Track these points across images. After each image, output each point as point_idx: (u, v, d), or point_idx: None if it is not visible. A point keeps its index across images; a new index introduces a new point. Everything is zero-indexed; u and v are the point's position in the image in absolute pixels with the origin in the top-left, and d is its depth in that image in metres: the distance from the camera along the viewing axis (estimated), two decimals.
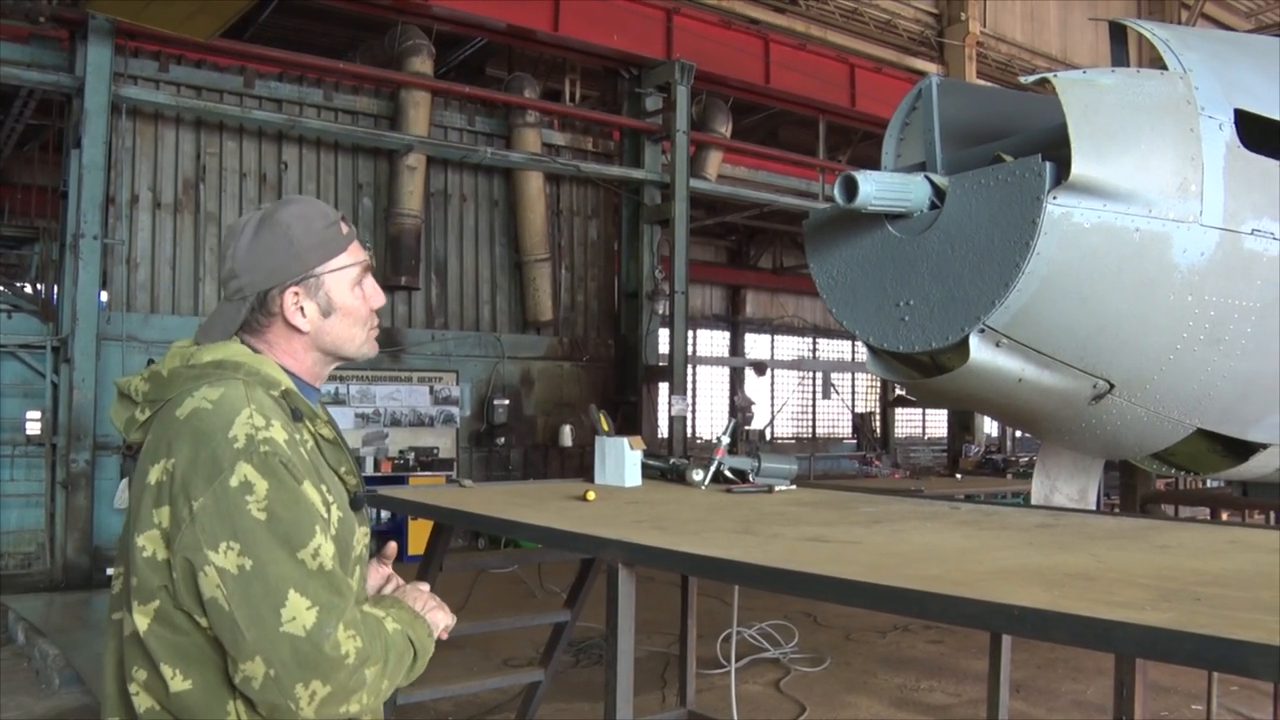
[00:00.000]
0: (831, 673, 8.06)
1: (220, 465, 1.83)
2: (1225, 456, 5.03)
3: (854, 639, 9.16)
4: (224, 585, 1.79)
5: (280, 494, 1.84)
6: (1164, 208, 3.97)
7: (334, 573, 1.86)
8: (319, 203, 2.18)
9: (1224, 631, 2.15)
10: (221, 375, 1.96)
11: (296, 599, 1.79)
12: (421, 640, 2.05)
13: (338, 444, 2.09)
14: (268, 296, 2.06)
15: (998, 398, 4.60)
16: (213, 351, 2.01)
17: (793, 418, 23.97)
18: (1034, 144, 4.27)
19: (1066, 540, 3.61)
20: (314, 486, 1.90)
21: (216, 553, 1.79)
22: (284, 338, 2.10)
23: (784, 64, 15.80)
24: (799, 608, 9.71)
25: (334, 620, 1.81)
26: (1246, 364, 4.39)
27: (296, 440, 1.94)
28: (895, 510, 4.55)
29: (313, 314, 2.09)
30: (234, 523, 1.80)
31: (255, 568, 1.79)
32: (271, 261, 2.06)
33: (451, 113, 13.88)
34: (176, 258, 12.01)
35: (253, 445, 1.85)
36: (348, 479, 2.07)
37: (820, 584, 2.88)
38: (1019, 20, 20.28)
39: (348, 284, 2.13)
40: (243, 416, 1.87)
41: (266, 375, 2.00)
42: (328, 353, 2.15)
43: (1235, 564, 3.10)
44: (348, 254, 2.14)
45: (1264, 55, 4.76)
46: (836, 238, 4.75)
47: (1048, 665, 8.15)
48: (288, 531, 1.82)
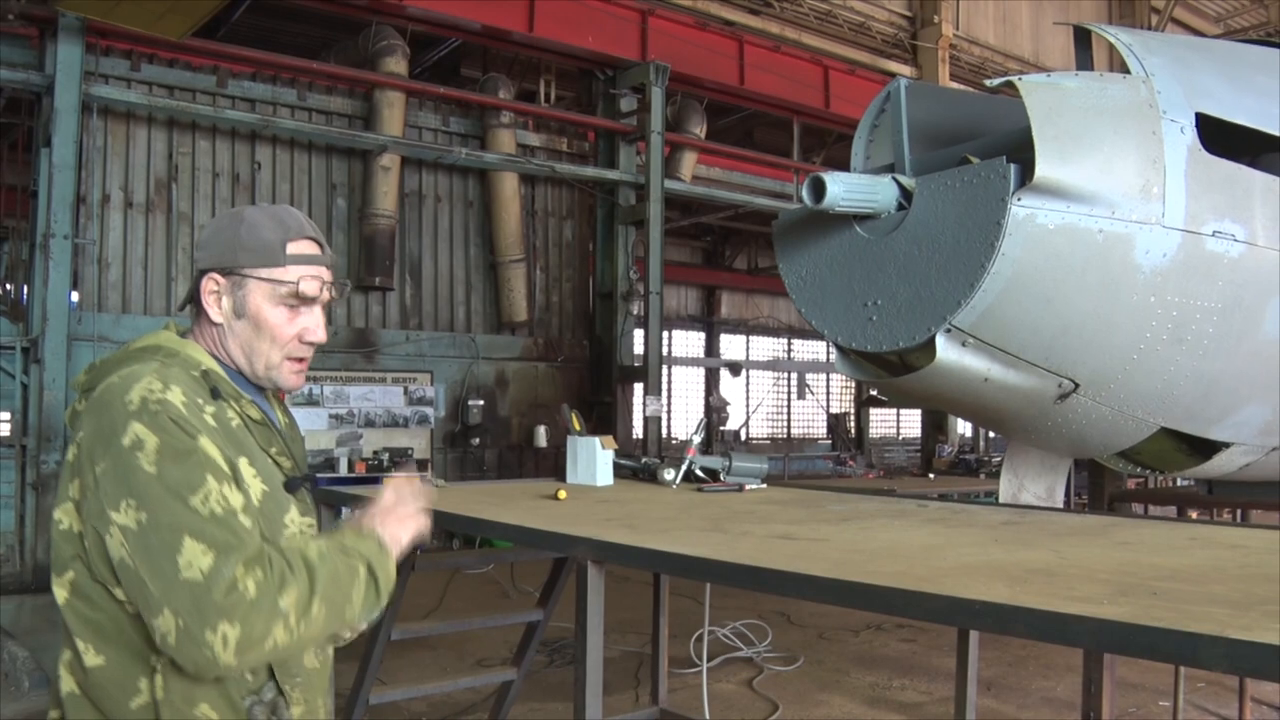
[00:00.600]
0: (804, 671, 8.11)
1: (115, 428, 1.85)
2: (1190, 455, 5.10)
3: (827, 638, 9.21)
4: (127, 542, 1.80)
5: (170, 445, 1.84)
6: (1127, 209, 4.02)
7: (227, 516, 1.84)
8: (296, 217, 2.20)
9: (1177, 624, 2.19)
10: (141, 357, 2.02)
11: (191, 545, 1.78)
12: (372, 554, 2.02)
13: (266, 424, 2.10)
14: (203, 276, 2.12)
15: (964, 397, 4.65)
16: (145, 339, 2.09)
17: (768, 418, 24.03)
18: (1000, 146, 4.32)
19: (1030, 537, 3.65)
20: (213, 444, 1.90)
21: (118, 512, 1.81)
22: (206, 323, 2.14)
23: (758, 65, 15.85)
24: (772, 607, 9.76)
25: (233, 560, 1.79)
26: (1208, 364, 4.46)
27: (204, 408, 1.95)
28: (864, 508, 4.59)
29: (226, 309, 2.12)
30: (129, 481, 1.81)
31: (150, 520, 1.79)
32: (215, 246, 2.12)
33: (426, 113, 13.84)
34: (148, 258, 11.92)
35: (145, 406, 1.86)
36: (281, 460, 2.10)
37: (785, 580, 2.91)
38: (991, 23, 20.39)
39: (269, 297, 2.12)
40: (141, 384, 1.90)
41: (186, 357, 2.05)
42: (235, 356, 2.15)
43: (1193, 560, 3.15)
44: (282, 270, 2.12)
45: (1226, 60, 4.83)
46: (805, 238, 4.79)
47: (1018, 663, 8.22)
48: (178, 481, 1.82)
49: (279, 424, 2.20)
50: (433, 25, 13.37)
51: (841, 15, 17.76)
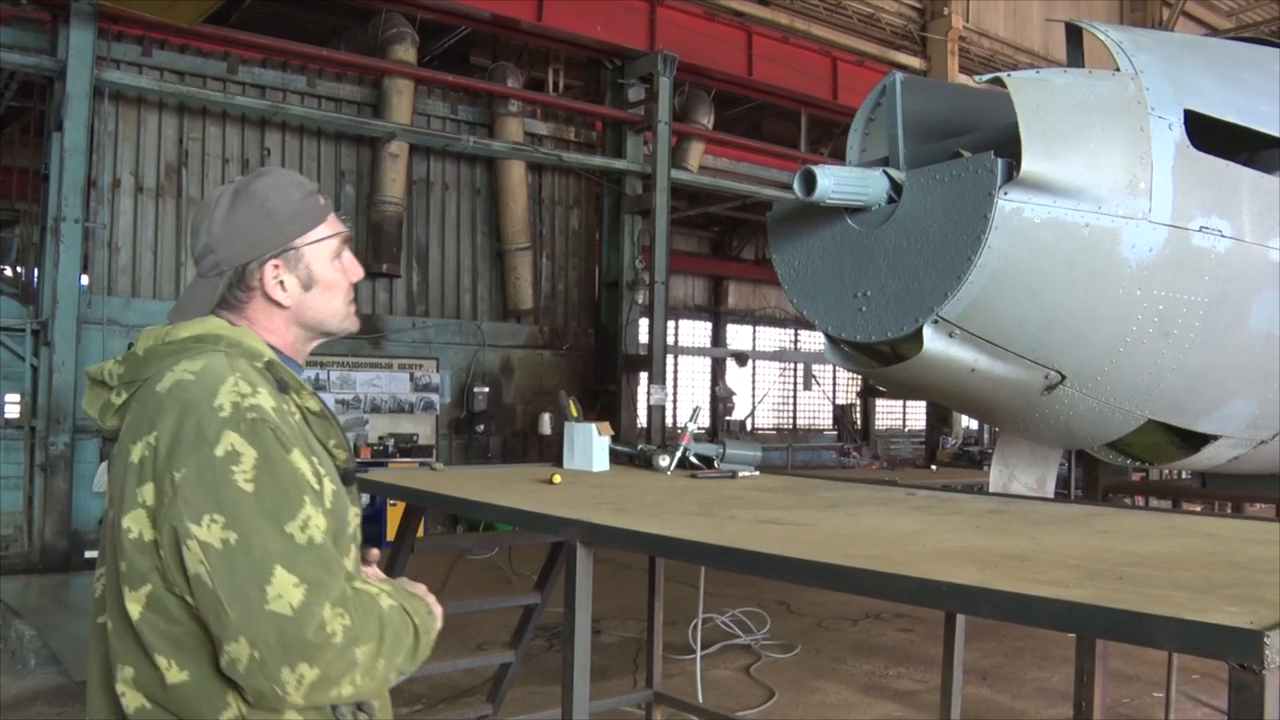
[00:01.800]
0: (802, 659, 8.17)
1: (205, 434, 1.73)
2: (1180, 448, 5.15)
3: (825, 626, 9.28)
4: (207, 560, 1.69)
5: (268, 463, 1.74)
6: (1113, 204, 4.08)
7: (324, 547, 1.75)
8: (294, 173, 2.11)
9: (1135, 605, 2.27)
10: (201, 348, 1.88)
11: (283, 575, 1.68)
12: (422, 617, 1.93)
13: (325, 417, 1.98)
14: (246, 270, 1.98)
15: (951, 387, 4.72)
16: (189, 328, 1.92)
17: (774, 409, 24.09)
18: (992, 141, 4.38)
19: (1011, 525, 3.72)
20: (304, 456, 1.81)
21: (200, 525, 1.69)
22: (264, 313, 2.02)
23: (767, 56, 15.89)
24: (772, 595, 9.83)
25: (322, 598, 1.70)
26: (1195, 357, 4.51)
27: (284, 410, 1.86)
28: (852, 496, 4.67)
29: (293, 287, 2.01)
30: (219, 494, 1.70)
31: (240, 541, 1.69)
32: (250, 234, 1.98)
33: (434, 101, 13.93)
34: (158, 242, 12.06)
35: (239, 413, 1.76)
36: (337, 453, 1.98)
37: (764, 561, 2.99)
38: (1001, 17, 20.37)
39: (327, 256, 2.06)
40: (228, 384, 1.79)
41: (249, 347, 1.93)
42: (309, 328, 2.08)
43: (1166, 547, 3.22)
44: (326, 225, 2.07)
45: (1218, 57, 4.88)
46: (798, 230, 4.85)
47: (1015, 653, 8.28)
48: (276, 503, 1.73)
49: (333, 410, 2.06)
50: (442, 13, 13.47)
51: (851, 6, 17.77)
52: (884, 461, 19.97)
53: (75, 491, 10.84)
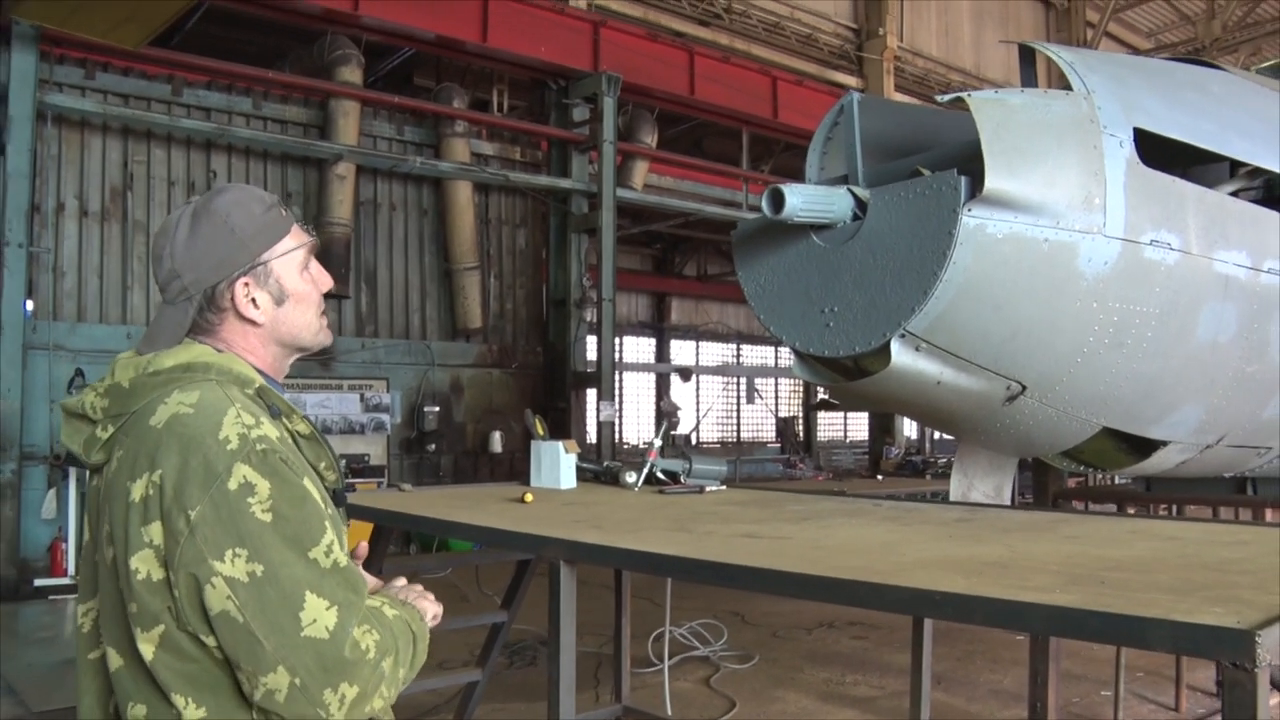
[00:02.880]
0: (760, 669, 8.25)
1: (215, 469, 1.70)
2: (1129, 454, 5.30)
3: (781, 636, 9.37)
4: (235, 595, 1.67)
5: (284, 492, 1.73)
6: (1070, 219, 4.20)
7: (349, 569, 1.77)
8: (252, 188, 2.07)
9: (1125, 609, 2.37)
10: (192, 378, 1.84)
11: (315, 601, 1.69)
12: (417, 625, 1.94)
13: (314, 439, 1.94)
14: (215, 291, 1.93)
15: (918, 399, 4.82)
16: (174, 356, 1.88)
17: (718, 422, 24.22)
18: (949, 159, 4.49)
19: (982, 533, 3.83)
20: (312, 481, 1.81)
21: (223, 562, 1.67)
22: (239, 334, 1.97)
23: (708, 76, 16.05)
24: (727, 607, 9.91)
25: (353, 618, 1.72)
26: (1147, 366, 4.65)
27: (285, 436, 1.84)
28: (821, 508, 4.76)
29: (265, 304, 1.96)
30: (239, 527, 1.68)
31: (268, 572, 1.68)
32: (215, 254, 1.92)
33: (381, 122, 13.93)
34: (104, 266, 11.91)
35: (247, 444, 1.73)
36: (326, 474, 1.94)
37: (756, 576, 3.06)
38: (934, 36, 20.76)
39: (296, 268, 2.01)
40: (230, 416, 1.76)
41: (239, 373, 1.89)
42: (285, 344, 2.03)
43: (1136, 551, 3.34)
44: (291, 237, 2.01)
45: (1159, 77, 5.05)
46: (764, 247, 4.94)
47: (966, 658, 8.42)
48: (296, 531, 1.72)
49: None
50: (387, 35, 13.47)
51: (789, 27, 18.02)
52: (828, 472, 20.14)
53: (23, 519, 10.66)
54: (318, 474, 1.90)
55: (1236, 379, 5.01)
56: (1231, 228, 4.72)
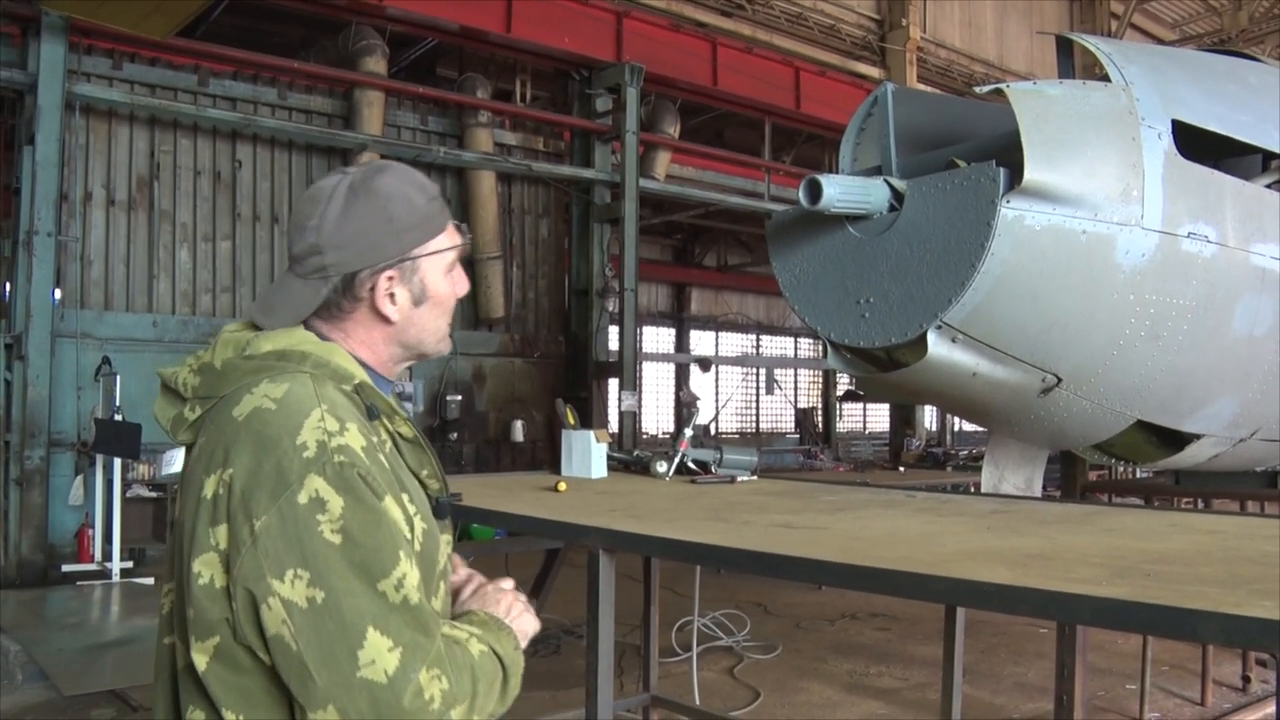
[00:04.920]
0: (783, 660, 8.26)
1: (287, 478, 1.55)
2: (1160, 447, 5.30)
3: (803, 627, 9.38)
4: (291, 621, 1.51)
5: (358, 513, 1.55)
6: (1108, 211, 4.21)
7: (420, 606, 1.57)
8: (415, 172, 1.87)
9: (1174, 602, 2.38)
10: (285, 368, 1.68)
11: (376, 638, 1.51)
12: (510, 656, 1.74)
13: (418, 444, 1.79)
14: (356, 278, 1.76)
15: (953, 391, 4.83)
16: (273, 339, 1.72)
17: (737, 413, 24.23)
18: (985, 150, 4.49)
19: (1020, 525, 3.83)
20: (396, 501, 1.62)
21: (282, 582, 1.52)
22: (365, 327, 1.81)
23: (731, 67, 16.04)
24: (749, 597, 9.92)
25: (419, 663, 1.53)
26: (1183, 359, 4.66)
27: (374, 444, 1.66)
28: (855, 499, 4.76)
29: (404, 302, 1.80)
30: (303, 547, 1.52)
31: (328, 600, 1.51)
32: (367, 239, 1.76)
33: (405, 112, 13.96)
34: (130, 255, 11.99)
35: (325, 454, 1.56)
36: (429, 483, 1.79)
37: (801, 566, 3.07)
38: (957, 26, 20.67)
39: (443, 270, 1.85)
40: (312, 419, 1.59)
41: (337, 367, 1.72)
42: (408, 347, 1.87)
43: (1177, 545, 3.34)
44: (446, 235, 1.85)
45: (1197, 68, 5.04)
46: (799, 238, 4.95)
47: (990, 650, 8.42)
48: (367, 558, 1.54)
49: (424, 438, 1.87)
50: (411, 25, 13.49)
51: (812, 18, 17.96)
52: (849, 464, 20.12)
53: (50, 506, 10.75)
54: (420, 481, 1.76)
55: (1271, 372, 5.01)
56: (1269, 220, 4.72)
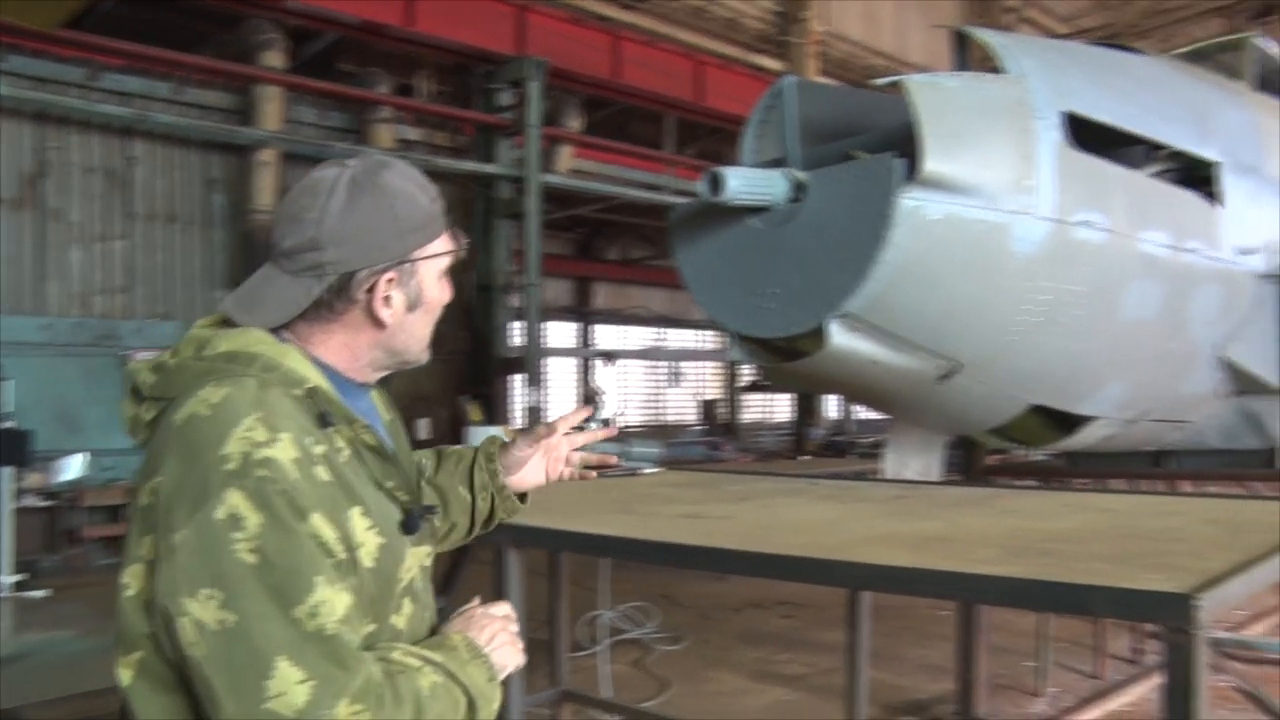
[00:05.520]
0: (692, 650, 8.30)
1: (207, 491, 1.46)
2: (1055, 430, 5.44)
3: (711, 617, 9.43)
4: (203, 642, 1.43)
5: (275, 533, 1.45)
6: (1003, 201, 4.30)
7: (337, 638, 1.46)
8: (414, 169, 1.78)
9: (1070, 578, 2.44)
10: (231, 370, 1.58)
11: (287, 669, 1.42)
12: (479, 687, 1.63)
13: (382, 452, 1.68)
14: (354, 278, 1.67)
15: (854, 379, 4.89)
16: (230, 340, 1.63)
17: (642, 406, 24.27)
18: (883, 142, 4.56)
19: (921, 509, 3.90)
20: (328, 520, 1.51)
21: (195, 600, 1.43)
22: (352, 330, 1.72)
23: (634, 60, 16.04)
24: (656, 589, 9.94)
25: (332, 697, 1.42)
26: (1076, 344, 4.78)
27: (316, 456, 1.55)
28: (760, 488, 4.80)
29: (399, 306, 1.71)
30: (217, 566, 1.43)
31: (240, 625, 1.42)
32: (371, 237, 1.67)
33: (305, 108, 13.70)
34: (19, 256, 11.62)
35: (247, 468, 1.47)
36: (398, 495, 1.69)
37: (708, 555, 3.10)
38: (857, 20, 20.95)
39: (437, 275, 1.77)
40: (241, 429, 1.49)
41: (288, 370, 1.61)
42: (393, 353, 1.78)
43: (1072, 523, 3.43)
44: (444, 239, 1.78)
45: (1087, 62, 5.18)
46: (701, 230, 4.97)
47: (894, 633, 8.54)
48: (282, 581, 1.44)
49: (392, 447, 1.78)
50: (311, 19, 13.23)
51: (713, 11, 18.05)
52: (753, 454, 20.29)
53: None
54: (386, 492, 1.67)
55: (1158, 355, 5.18)
56: (1155, 208, 4.87)
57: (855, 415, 22.16)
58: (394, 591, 1.64)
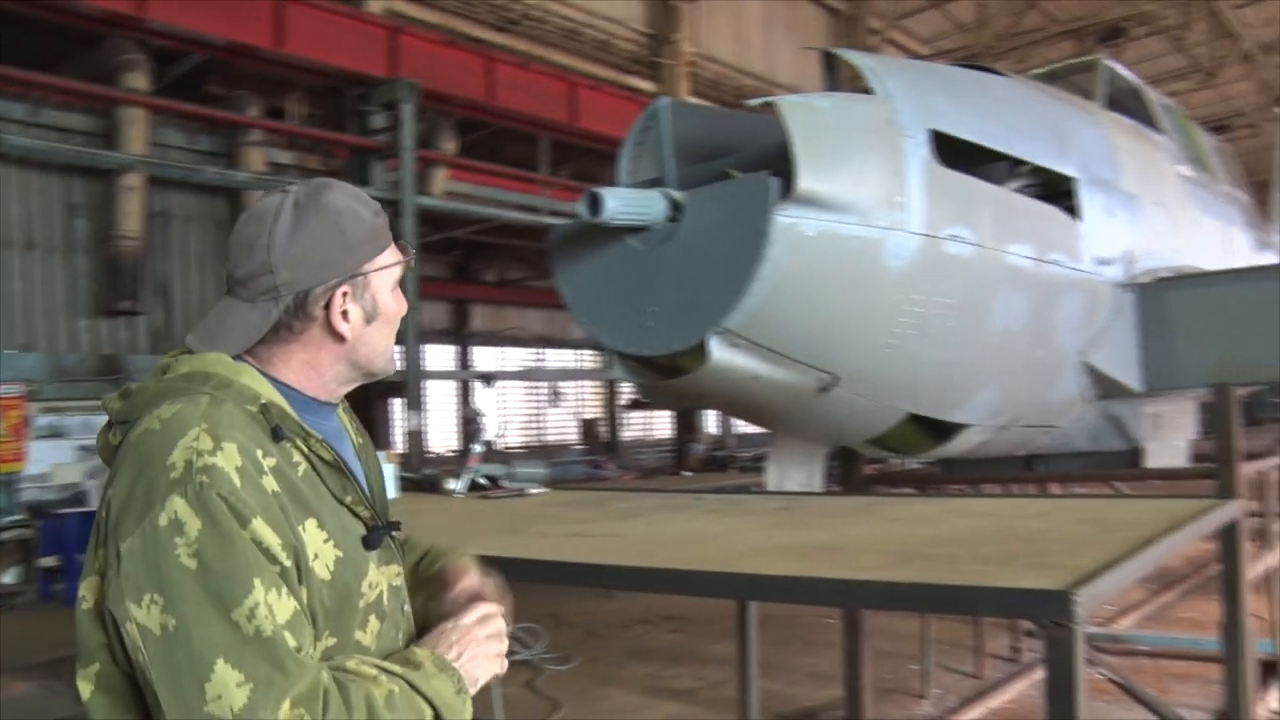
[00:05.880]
0: (582, 669, 8.33)
1: (152, 499, 1.50)
2: (931, 438, 5.58)
3: (599, 635, 9.48)
4: (145, 648, 1.47)
5: (213, 537, 1.48)
6: (876, 217, 4.40)
7: (275, 641, 1.47)
8: (354, 188, 1.85)
9: (954, 580, 2.53)
10: (187, 389, 1.63)
11: (225, 671, 1.44)
12: (445, 700, 1.63)
13: (339, 468, 1.70)
14: (309, 297, 1.72)
15: (735, 395, 4.95)
16: (189, 363, 1.68)
17: (523, 427, 24.18)
18: (757, 161, 4.64)
19: (807, 520, 3.98)
20: (271, 527, 1.53)
21: (139, 607, 1.47)
22: (312, 347, 1.76)
23: (507, 82, 16.04)
24: (543, 609, 9.95)
25: (271, 701, 1.44)
26: (948, 353, 4.91)
27: (264, 466, 1.58)
28: (645, 505, 4.86)
29: (356, 319, 1.76)
30: (160, 571, 1.47)
31: (179, 629, 1.45)
32: (321, 255, 1.71)
33: (171, 131, 13.40)
34: None
35: (190, 474, 1.50)
36: (357, 510, 1.72)
37: (598, 573, 3.14)
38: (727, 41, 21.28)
39: (390, 286, 1.82)
40: (187, 439, 1.54)
41: (242, 387, 1.65)
42: (357, 366, 1.82)
43: (955, 528, 3.54)
44: (391, 251, 1.83)
45: (950, 82, 5.35)
46: (580, 251, 4.99)
47: (783, 643, 8.69)
48: (220, 585, 1.47)
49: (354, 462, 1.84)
50: (176, 40, 12.92)
51: (586, 33, 18.17)
52: (634, 471, 20.36)
53: None
54: (346, 508, 1.70)
55: (1027, 363, 5.35)
56: (1019, 222, 5.04)
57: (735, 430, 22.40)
58: (355, 606, 1.67)
